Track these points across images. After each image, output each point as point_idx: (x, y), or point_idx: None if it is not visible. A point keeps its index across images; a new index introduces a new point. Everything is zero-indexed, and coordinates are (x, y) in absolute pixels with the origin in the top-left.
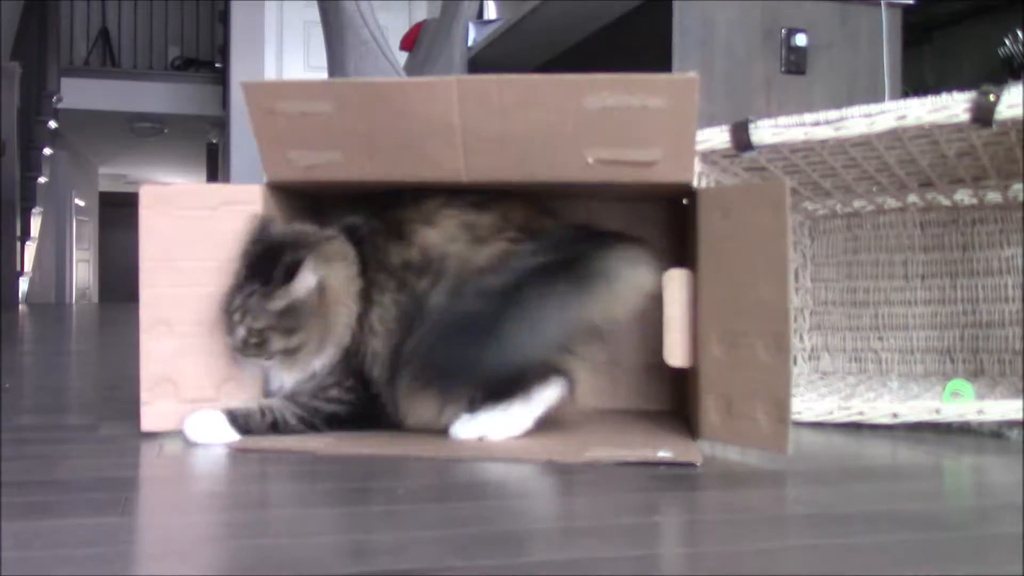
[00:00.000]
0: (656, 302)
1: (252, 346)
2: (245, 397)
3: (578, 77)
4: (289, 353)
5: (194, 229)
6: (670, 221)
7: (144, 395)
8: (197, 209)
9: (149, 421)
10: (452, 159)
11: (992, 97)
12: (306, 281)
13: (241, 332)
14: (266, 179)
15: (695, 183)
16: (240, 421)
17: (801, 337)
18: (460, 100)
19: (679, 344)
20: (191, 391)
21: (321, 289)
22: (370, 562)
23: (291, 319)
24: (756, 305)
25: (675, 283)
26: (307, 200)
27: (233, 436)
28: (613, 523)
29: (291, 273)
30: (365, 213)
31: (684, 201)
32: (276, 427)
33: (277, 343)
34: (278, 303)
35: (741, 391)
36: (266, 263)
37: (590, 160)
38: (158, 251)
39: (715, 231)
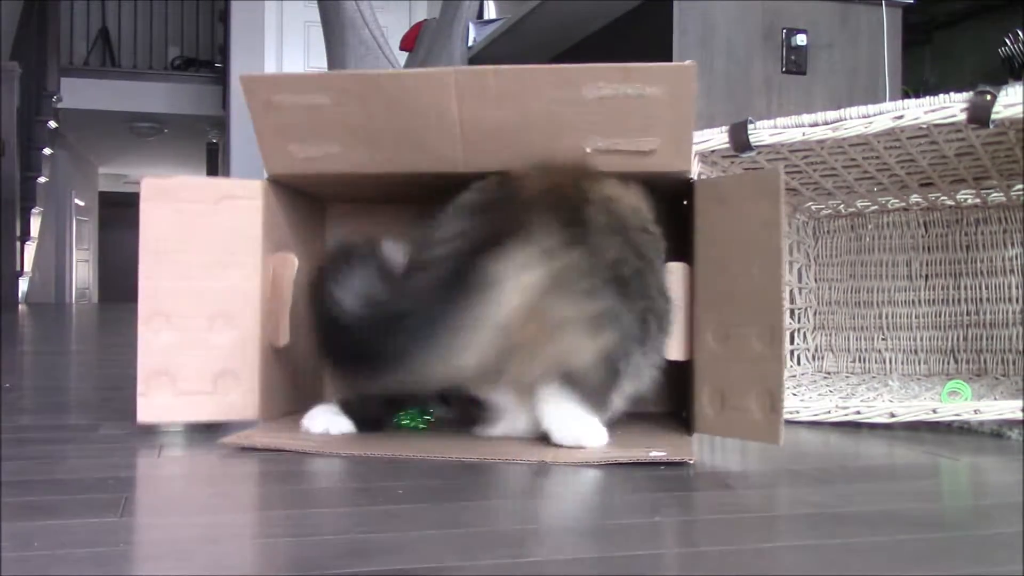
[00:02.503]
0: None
1: None
2: (242, 391)
3: (575, 67)
4: None
5: (194, 223)
6: (670, 217)
7: (140, 387)
8: (198, 203)
9: (145, 413)
10: (451, 149)
11: (989, 97)
12: None
13: None
14: (266, 174)
15: (694, 176)
16: None
17: (805, 337)
18: (458, 90)
19: (676, 338)
20: (187, 384)
21: None
22: (370, 562)
23: None
24: (750, 295)
25: (673, 277)
26: (308, 199)
27: None
28: (613, 523)
29: None
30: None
31: (684, 202)
32: None
33: None
34: None
35: (735, 383)
36: None
37: (588, 150)
38: (158, 243)
39: (711, 222)
